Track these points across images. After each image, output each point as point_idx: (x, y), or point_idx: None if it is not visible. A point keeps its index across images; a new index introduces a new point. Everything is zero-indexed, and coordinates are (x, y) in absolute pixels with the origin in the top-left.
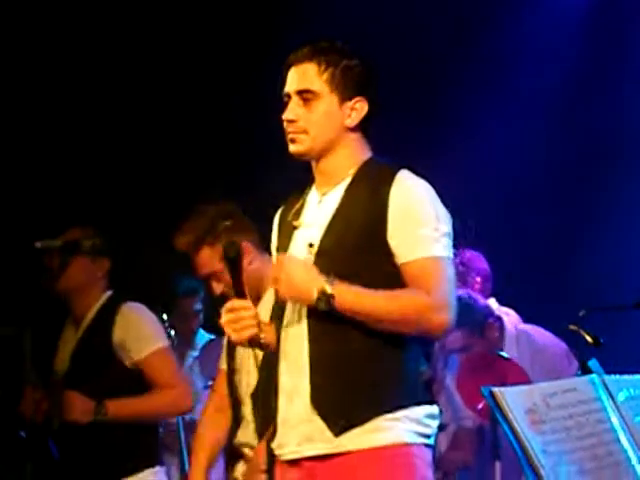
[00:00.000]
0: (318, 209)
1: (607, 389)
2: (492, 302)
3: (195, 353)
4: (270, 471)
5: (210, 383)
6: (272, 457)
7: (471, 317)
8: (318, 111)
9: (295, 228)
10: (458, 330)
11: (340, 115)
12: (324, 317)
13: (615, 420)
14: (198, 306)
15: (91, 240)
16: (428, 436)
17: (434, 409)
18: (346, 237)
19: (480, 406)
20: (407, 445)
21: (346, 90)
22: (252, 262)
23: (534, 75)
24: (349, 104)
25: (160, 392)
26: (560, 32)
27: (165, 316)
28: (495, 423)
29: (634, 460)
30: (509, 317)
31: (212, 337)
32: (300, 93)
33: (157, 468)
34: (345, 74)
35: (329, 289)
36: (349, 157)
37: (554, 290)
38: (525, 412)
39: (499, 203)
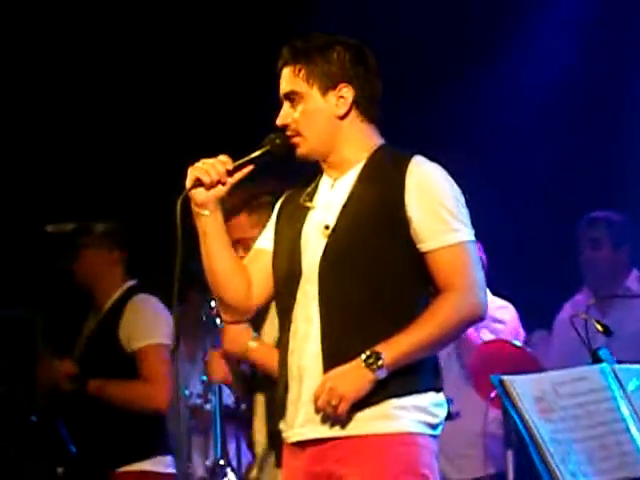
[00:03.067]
0: (331, 192)
1: (617, 378)
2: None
3: None
4: (278, 455)
5: None
6: (280, 440)
7: None
8: (304, 110)
9: (308, 210)
10: None
11: (327, 107)
12: (335, 301)
13: (625, 409)
14: None
15: (103, 225)
16: (435, 426)
17: (441, 397)
18: (362, 218)
19: (492, 395)
20: (413, 434)
21: (325, 81)
22: None
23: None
24: (333, 93)
25: (138, 385)
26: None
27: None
28: (507, 412)
29: None
30: (502, 310)
31: None
32: (286, 96)
33: (158, 458)
34: (319, 66)
35: (373, 350)
36: (356, 145)
37: (552, 279)
38: (534, 400)
39: (497, 194)
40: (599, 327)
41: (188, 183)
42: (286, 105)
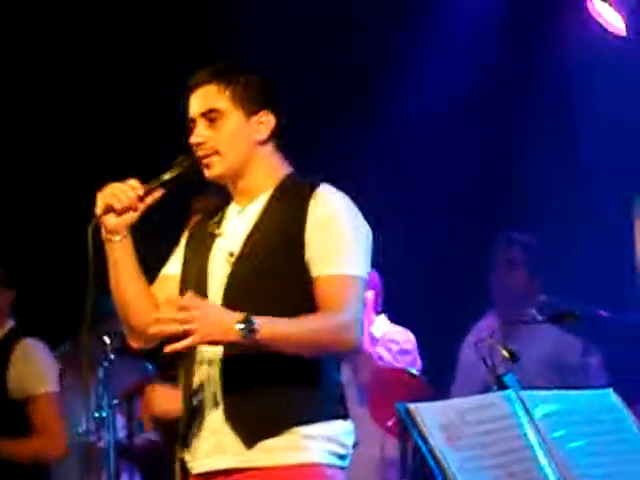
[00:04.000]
0: (238, 220)
1: (524, 405)
2: (382, 319)
3: None
4: None
5: (115, 402)
6: (184, 471)
7: None
8: (226, 129)
9: (215, 237)
10: None
11: (248, 131)
12: None
13: (532, 437)
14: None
15: None
16: (343, 457)
17: (349, 425)
18: (264, 247)
19: (390, 423)
20: (321, 466)
21: (250, 105)
22: None
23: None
24: (255, 119)
25: (31, 439)
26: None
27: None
28: (404, 441)
29: (551, 478)
30: (401, 334)
31: None
32: (205, 115)
33: None
34: (246, 90)
35: (250, 317)
36: (267, 172)
37: (453, 304)
38: (440, 428)
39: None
40: (505, 353)
41: (98, 209)
42: (202, 123)
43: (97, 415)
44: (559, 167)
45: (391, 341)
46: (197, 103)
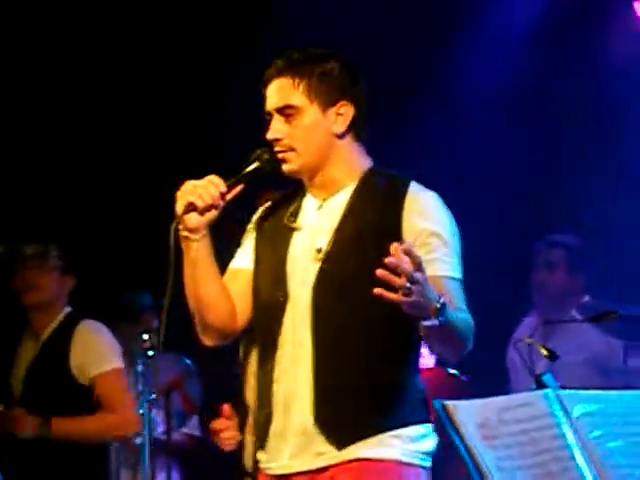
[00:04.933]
0: (319, 214)
1: (562, 404)
2: None
3: None
4: None
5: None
6: (257, 470)
7: None
8: (302, 126)
9: (292, 230)
10: None
11: (325, 124)
12: (330, 328)
13: (570, 436)
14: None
15: (58, 249)
16: (425, 456)
17: (430, 428)
18: (357, 244)
19: None
20: (401, 464)
21: (327, 97)
22: None
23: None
24: (333, 110)
25: (104, 415)
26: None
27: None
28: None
29: (589, 478)
30: None
31: None
32: (280, 110)
33: None
34: (322, 81)
35: (442, 298)
36: (347, 166)
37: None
38: (477, 426)
39: None
40: (544, 351)
41: (180, 208)
42: (278, 119)
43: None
44: (607, 174)
45: None
46: (272, 97)
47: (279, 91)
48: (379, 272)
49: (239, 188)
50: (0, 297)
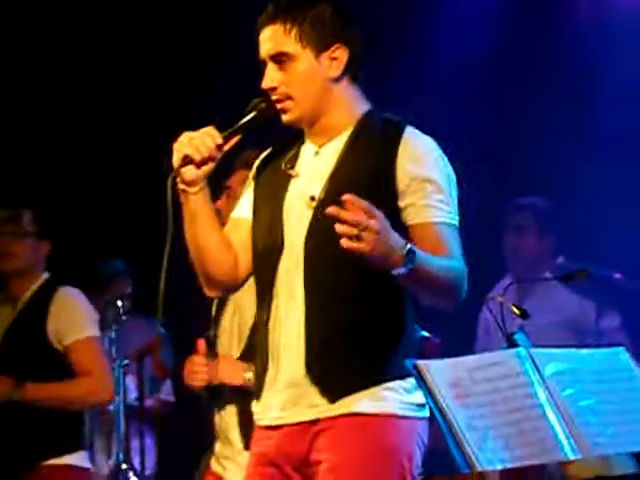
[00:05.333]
0: (315, 160)
1: (534, 363)
2: None
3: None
4: (247, 437)
5: (125, 362)
6: (251, 421)
7: None
8: (296, 72)
9: (289, 178)
10: None
11: (320, 69)
12: (321, 278)
13: (542, 395)
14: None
15: (31, 213)
16: (421, 407)
17: None
18: (349, 189)
19: None
20: (396, 417)
21: (319, 41)
22: None
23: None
24: (327, 54)
25: (79, 380)
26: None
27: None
28: None
29: (561, 435)
30: None
31: None
32: (273, 58)
33: (81, 453)
34: (314, 26)
35: (412, 247)
36: (344, 110)
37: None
38: (450, 385)
39: None
40: (515, 310)
41: (176, 161)
42: (272, 67)
43: None
44: (576, 136)
45: None
46: (265, 45)
47: (271, 38)
48: (336, 227)
49: (236, 139)
50: None
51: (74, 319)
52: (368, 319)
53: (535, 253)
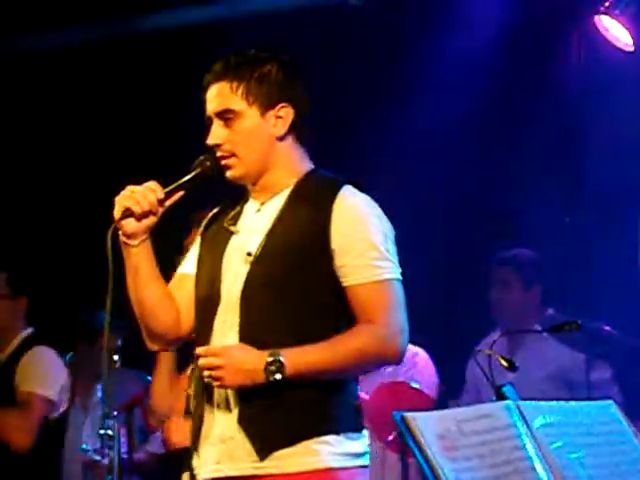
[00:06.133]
0: (256, 217)
1: (522, 415)
2: None
3: None
4: None
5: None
6: (192, 478)
7: None
8: (241, 129)
9: (231, 234)
10: None
11: (265, 127)
12: (256, 332)
13: (530, 447)
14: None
15: (5, 272)
16: (359, 455)
17: (364, 436)
18: (286, 247)
19: (390, 438)
20: (333, 470)
21: (265, 99)
22: None
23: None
24: (272, 113)
25: (13, 413)
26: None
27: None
28: (404, 454)
29: None
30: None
31: None
32: (219, 114)
33: None
34: (261, 84)
35: (277, 356)
36: (286, 168)
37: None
38: (437, 437)
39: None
40: (504, 362)
41: (117, 213)
42: (218, 124)
43: (102, 432)
44: (565, 189)
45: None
46: (211, 102)
47: (218, 96)
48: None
49: (179, 195)
50: None
51: (36, 374)
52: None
53: (521, 306)
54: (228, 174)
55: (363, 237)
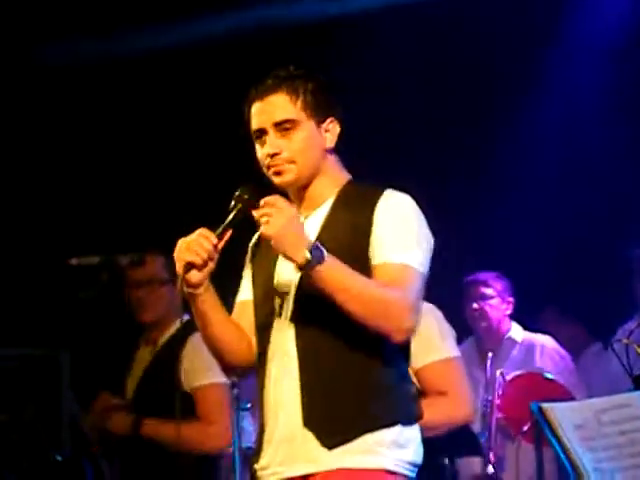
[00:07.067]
0: None
1: None
2: (516, 325)
3: None
4: None
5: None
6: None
7: None
8: (300, 139)
9: None
10: None
11: (319, 139)
12: (313, 335)
13: None
14: None
15: (163, 256)
16: (413, 466)
17: (416, 431)
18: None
19: (525, 428)
20: (388, 473)
21: (319, 113)
22: None
23: None
24: (324, 126)
25: (197, 425)
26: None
27: None
28: (540, 445)
29: None
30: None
31: None
32: (278, 125)
33: None
34: (315, 97)
35: (322, 249)
36: (332, 178)
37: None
38: (575, 428)
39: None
40: None
41: (179, 269)
42: (274, 135)
43: None
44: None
45: (555, 352)
46: (267, 114)
47: (276, 107)
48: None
49: (229, 234)
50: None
51: (205, 363)
52: (356, 371)
53: None
54: (278, 179)
55: (402, 225)
